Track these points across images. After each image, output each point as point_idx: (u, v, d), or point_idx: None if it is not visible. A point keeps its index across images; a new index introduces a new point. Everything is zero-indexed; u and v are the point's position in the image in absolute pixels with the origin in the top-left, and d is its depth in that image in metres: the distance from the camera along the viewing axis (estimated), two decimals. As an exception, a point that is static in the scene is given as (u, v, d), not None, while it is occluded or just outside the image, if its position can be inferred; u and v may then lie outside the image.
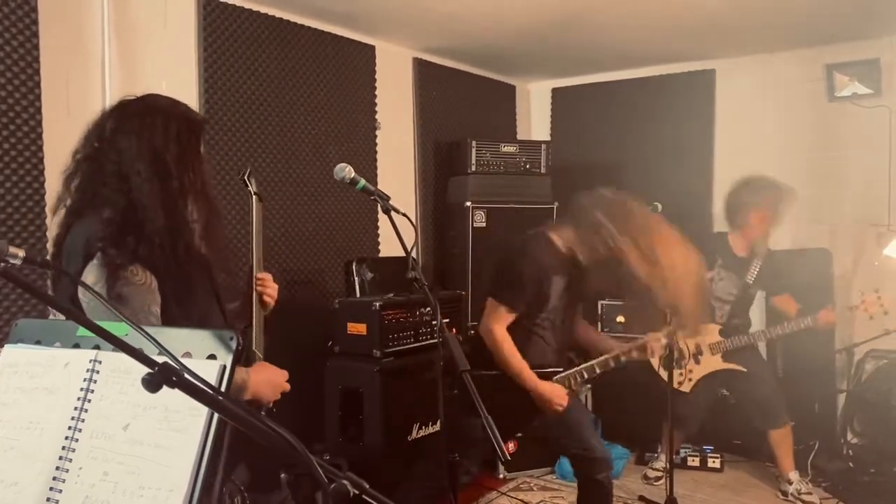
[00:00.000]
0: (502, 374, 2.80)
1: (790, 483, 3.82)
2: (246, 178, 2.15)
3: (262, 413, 1.76)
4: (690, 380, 3.91)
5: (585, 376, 2.92)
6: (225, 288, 1.92)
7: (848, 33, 4.33)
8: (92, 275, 1.57)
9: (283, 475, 1.93)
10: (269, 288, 2.06)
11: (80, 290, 1.59)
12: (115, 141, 1.71)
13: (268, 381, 1.76)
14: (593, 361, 2.91)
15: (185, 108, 1.84)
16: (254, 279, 2.03)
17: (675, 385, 3.87)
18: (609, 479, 2.89)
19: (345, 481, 0.87)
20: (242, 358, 1.77)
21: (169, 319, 1.63)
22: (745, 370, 3.88)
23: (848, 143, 4.56)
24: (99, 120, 1.77)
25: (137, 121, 1.72)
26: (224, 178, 3.52)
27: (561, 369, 2.91)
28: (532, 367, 2.82)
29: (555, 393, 2.79)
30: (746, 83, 4.89)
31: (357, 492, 0.88)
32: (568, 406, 2.89)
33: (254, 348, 1.87)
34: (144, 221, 1.65)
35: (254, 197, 2.13)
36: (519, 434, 3.59)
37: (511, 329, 2.84)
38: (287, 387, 1.81)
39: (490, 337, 2.83)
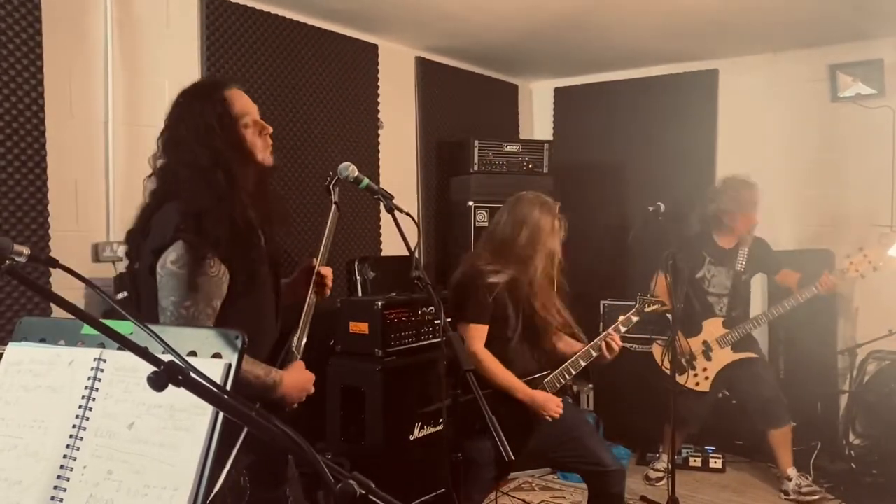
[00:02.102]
0: (495, 394, 2.78)
1: (789, 480, 3.82)
2: (330, 186, 2.21)
3: (286, 411, 1.78)
4: (707, 378, 3.91)
5: (573, 372, 2.89)
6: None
7: (851, 34, 4.32)
8: (175, 253, 1.62)
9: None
10: (329, 279, 2.11)
11: (160, 263, 1.63)
12: (189, 133, 1.74)
13: (297, 383, 1.78)
14: (577, 355, 2.88)
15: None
16: (314, 275, 2.05)
17: (693, 386, 3.87)
18: (624, 491, 2.86)
19: (351, 481, 0.87)
20: (280, 359, 1.82)
21: (224, 315, 1.66)
22: (756, 356, 3.89)
23: (851, 143, 4.55)
24: (180, 105, 1.81)
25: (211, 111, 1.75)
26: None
27: (547, 372, 2.88)
28: (519, 377, 2.78)
29: (549, 401, 2.76)
30: (749, 83, 4.89)
31: (364, 492, 0.88)
32: (569, 424, 2.86)
33: (294, 349, 1.87)
34: (233, 216, 1.69)
35: (333, 206, 2.18)
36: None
37: (490, 346, 2.80)
38: (312, 390, 1.83)
39: (474, 360, 2.77)
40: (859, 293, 4.42)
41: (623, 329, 2.94)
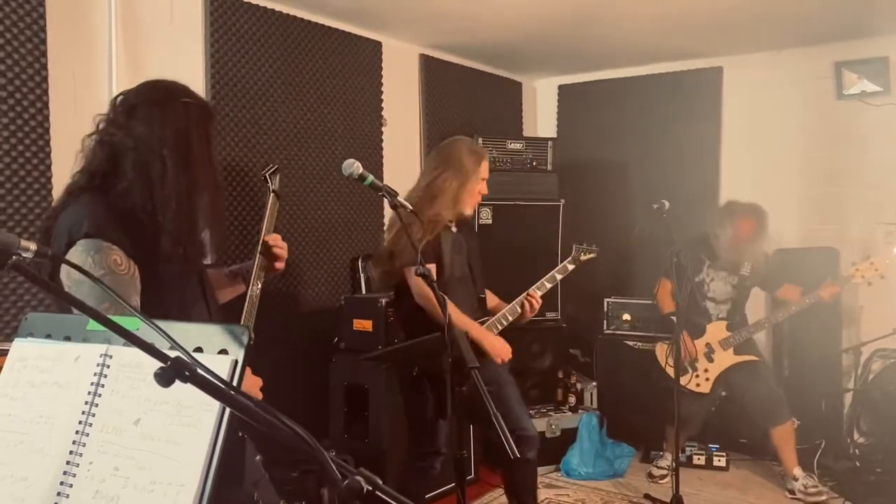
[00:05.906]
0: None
1: (796, 480, 3.81)
2: (268, 175, 2.18)
3: None
4: (707, 379, 3.91)
5: (510, 318, 2.99)
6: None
7: (856, 31, 4.31)
8: (75, 258, 1.56)
9: (257, 457, 1.87)
10: (281, 248, 2.03)
11: (63, 271, 1.56)
12: (131, 126, 1.69)
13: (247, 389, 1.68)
14: (513, 303, 3.00)
15: (195, 93, 1.84)
16: (258, 247, 1.99)
17: (694, 387, 3.87)
18: (536, 458, 2.97)
19: (358, 477, 0.87)
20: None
21: (146, 310, 1.57)
22: (757, 359, 3.89)
23: (856, 141, 4.53)
24: (116, 104, 1.76)
25: (157, 107, 1.71)
26: (230, 175, 3.52)
27: (486, 318, 2.96)
28: None
29: (503, 345, 2.86)
30: (754, 81, 4.87)
31: (370, 488, 0.88)
32: (502, 379, 2.93)
33: None
34: (157, 214, 1.65)
35: (272, 194, 2.15)
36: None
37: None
38: (260, 396, 1.68)
39: (429, 301, 2.73)
40: (864, 291, 4.41)
41: (550, 284, 3.09)
